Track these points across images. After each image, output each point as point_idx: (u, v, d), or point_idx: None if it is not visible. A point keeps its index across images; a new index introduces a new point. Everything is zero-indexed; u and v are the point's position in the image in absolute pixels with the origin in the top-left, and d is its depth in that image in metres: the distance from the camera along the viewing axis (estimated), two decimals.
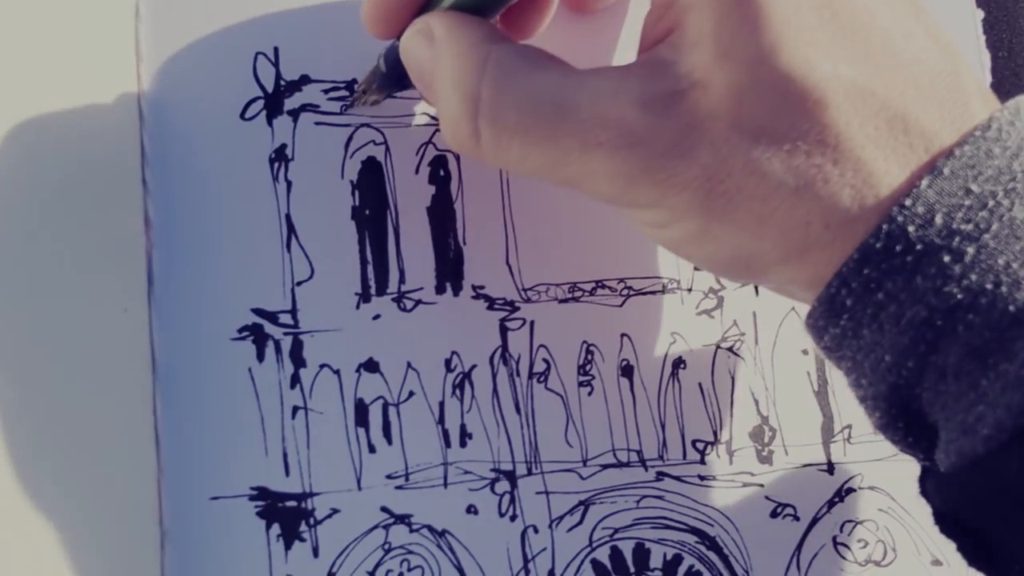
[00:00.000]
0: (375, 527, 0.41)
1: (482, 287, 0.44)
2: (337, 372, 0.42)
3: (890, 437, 0.35)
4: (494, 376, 0.43)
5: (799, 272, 0.34)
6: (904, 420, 0.34)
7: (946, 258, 0.31)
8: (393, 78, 0.41)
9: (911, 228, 0.32)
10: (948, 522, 0.35)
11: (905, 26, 0.34)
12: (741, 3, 0.33)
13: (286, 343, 0.42)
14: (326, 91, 0.44)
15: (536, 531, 0.42)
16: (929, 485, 0.35)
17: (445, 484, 0.42)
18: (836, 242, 0.33)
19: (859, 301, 0.33)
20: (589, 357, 0.44)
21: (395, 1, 0.39)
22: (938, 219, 0.32)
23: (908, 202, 0.32)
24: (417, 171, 0.44)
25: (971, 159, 0.32)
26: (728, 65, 0.33)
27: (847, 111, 0.32)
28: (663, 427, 0.44)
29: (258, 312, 0.42)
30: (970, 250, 0.31)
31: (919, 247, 0.31)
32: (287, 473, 0.41)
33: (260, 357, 0.42)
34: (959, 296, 0.31)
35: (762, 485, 0.44)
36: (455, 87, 0.36)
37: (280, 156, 0.43)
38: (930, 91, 0.33)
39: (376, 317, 0.43)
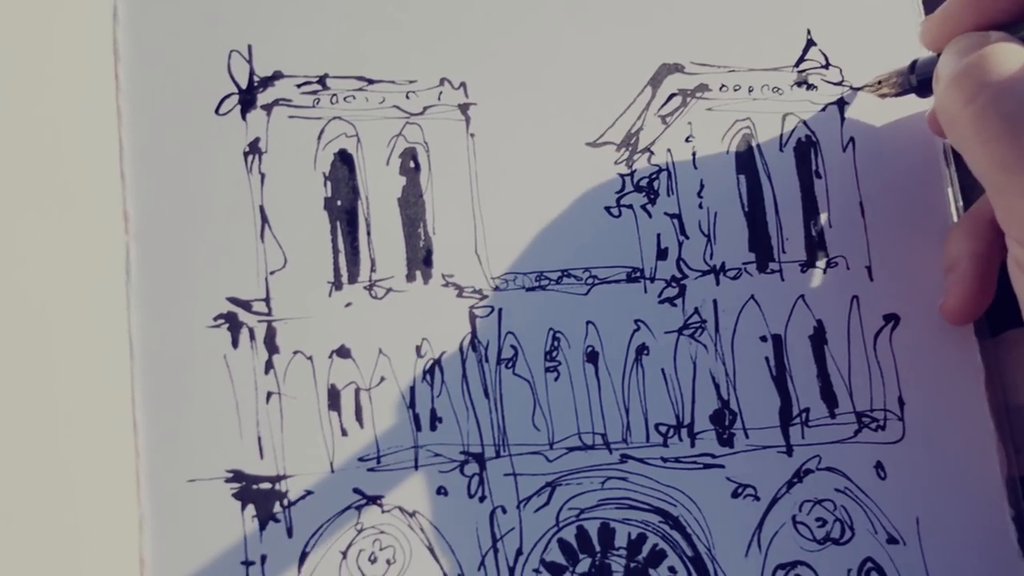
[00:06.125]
0: (348, 508, 0.42)
1: (451, 275, 0.45)
2: (310, 358, 0.43)
3: None
4: (463, 362, 0.44)
5: None
6: None
7: None
8: (913, 84, 0.48)
9: None
10: None
11: None
12: None
13: (260, 330, 0.43)
14: (299, 86, 0.45)
15: (504, 511, 0.44)
16: None
17: (416, 466, 0.43)
18: None
19: None
20: (555, 343, 0.45)
21: (954, 25, 0.44)
22: None
23: None
24: (388, 163, 0.46)
25: None
26: None
27: None
28: (627, 411, 0.45)
29: (233, 300, 0.43)
30: None
31: None
32: (261, 456, 0.42)
33: (235, 344, 0.43)
34: None
35: (723, 467, 0.45)
36: (977, 68, 0.41)
37: (254, 149, 0.44)
38: None
39: (348, 305, 0.44)
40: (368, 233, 0.45)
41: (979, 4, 0.44)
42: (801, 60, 0.50)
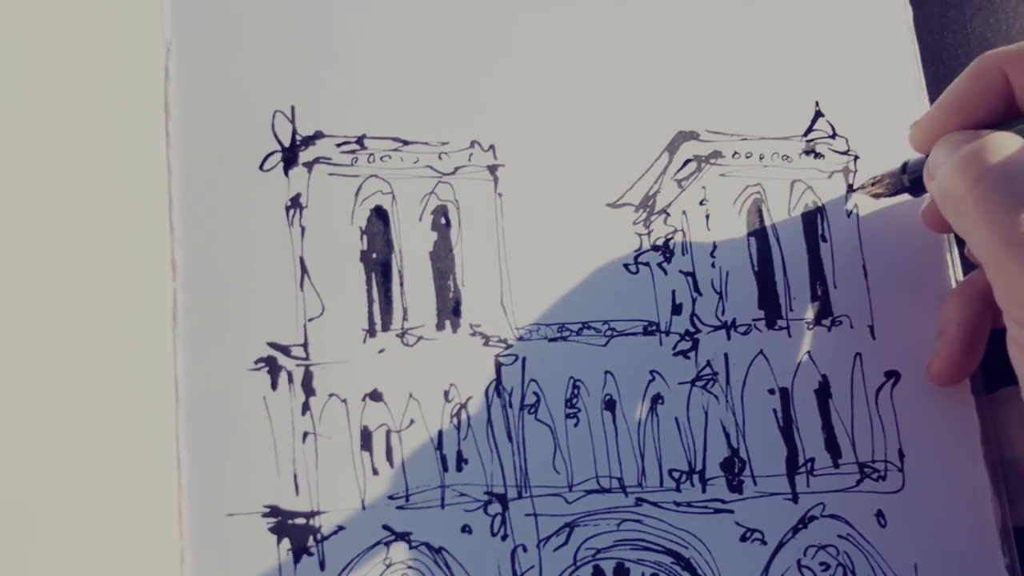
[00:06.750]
0: (377, 543, 0.44)
1: (478, 325, 0.47)
2: (344, 401, 0.46)
3: None
4: (488, 407, 0.47)
5: None
6: None
7: None
8: (906, 183, 0.50)
9: None
10: None
11: None
12: None
13: (298, 374, 0.45)
14: (338, 145, 0.48)
15: (525, 550, 0.45)
16: None
17: (442, 505, 0.45)
18: None
19: None
20: (575, 391, 0.48)
21: (940, 127, 0.47)
22: None
23: None
24: (421, 219, 0.48)
25: None
26: None
27: None
28: (642, 457, 0.47)
29: (273, 345, 0.45)
30: None
31: None
32: (297, 492, 0.44)
33: (274, 386, 0.45)
34: None
35: (732, 511, 0.47)
36: (980, 152, 0.43)
37: (295, 204, 0.47)
38: None
39: (381, 351, 0.46)
40: (401, 284, 0.47)
41: (963, 108, 0.47)
42: (810, 130, 0.53)
